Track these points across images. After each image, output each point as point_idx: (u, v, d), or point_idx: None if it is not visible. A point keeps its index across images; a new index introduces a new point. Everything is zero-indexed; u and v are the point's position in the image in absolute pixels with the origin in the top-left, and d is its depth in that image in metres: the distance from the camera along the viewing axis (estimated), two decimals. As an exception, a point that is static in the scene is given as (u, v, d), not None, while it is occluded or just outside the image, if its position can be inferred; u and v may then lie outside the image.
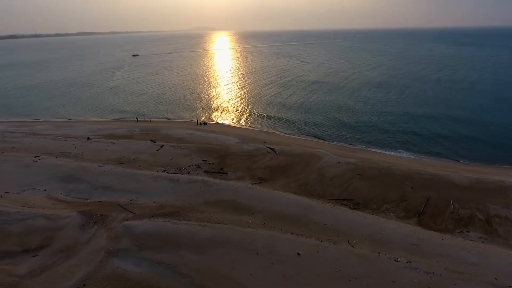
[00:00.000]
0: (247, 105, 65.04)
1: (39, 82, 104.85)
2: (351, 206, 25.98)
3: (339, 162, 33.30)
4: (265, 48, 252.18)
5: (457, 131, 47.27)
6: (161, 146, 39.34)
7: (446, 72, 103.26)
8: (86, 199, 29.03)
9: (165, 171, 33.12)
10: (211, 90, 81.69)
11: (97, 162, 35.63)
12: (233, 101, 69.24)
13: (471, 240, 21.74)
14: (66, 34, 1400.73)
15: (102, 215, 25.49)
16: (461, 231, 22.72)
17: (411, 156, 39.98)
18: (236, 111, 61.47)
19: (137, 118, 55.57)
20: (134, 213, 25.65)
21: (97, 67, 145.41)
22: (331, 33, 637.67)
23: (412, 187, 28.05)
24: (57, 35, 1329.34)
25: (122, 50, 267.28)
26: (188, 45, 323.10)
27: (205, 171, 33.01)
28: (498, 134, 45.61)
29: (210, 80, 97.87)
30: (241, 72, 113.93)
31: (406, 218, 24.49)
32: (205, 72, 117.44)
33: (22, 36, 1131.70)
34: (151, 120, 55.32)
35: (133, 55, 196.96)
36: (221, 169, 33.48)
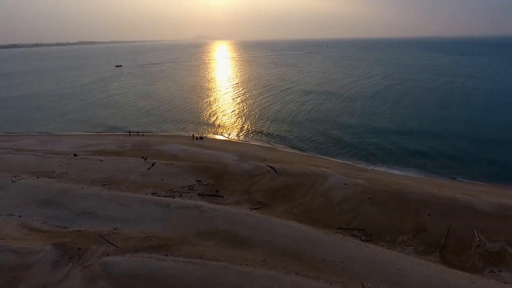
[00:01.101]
0: (245, 118, 62.38)
1: (30, 92, 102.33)
2: (363, 238, 22.96)
3: (346, 184, 30.39)
4: (264, 57, 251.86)
5: (465, 148, 44.37)
6: (153, 164, 36.41)
7: (445, 81, 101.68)
8: (65, 227, 25.93)
9: (155, 193, 30.13)
10: (208, 102, 78.93)
11: (81, 183, 32.66)
12: (231, 114, 66.57)
13: (505, 282, 18.69)
14: (67, 44, 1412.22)
15: (79, 248, 22.41)
16: (492, 270, 19.69)
17: (421, 176, 37.10)
18: (234, 124, 58.72)
19: (129, 132, 52.71)
20: (116, 246, 22.57)
21: (92, 77, 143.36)
22: (329, 43, 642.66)
23: (429, 214, 25.11)
24: (57, 44, 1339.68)
25: (120, 60, 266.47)
26: (188, 55, 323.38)
27: (199, 194, 30.02)
28: (510, 152, 42.79)
29: (208, 91, 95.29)
30: (239, 83, 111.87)
31: (427, 253, 21.44)
32: (203, 82, 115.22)
33: (23, 46, 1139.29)
34: (144, 134, 52.46)
35: (116, 66, 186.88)
36: (217, 191, 30.51)
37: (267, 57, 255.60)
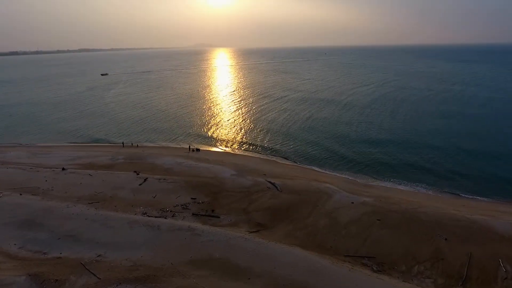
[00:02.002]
0: (244, 128, 60.19)
1: (24, 100, 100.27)
2: (374, 268, 20.55)
3: (352, 202, 28.09)
4: (263, 65, 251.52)
5: (471, 161, 41.93)
6: (145, 180, 34.10)
7: (444, 89, 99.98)
8: (44, 253, 23.47)
9: (145, 213, 27.76)
10: (206, 112, 76.45)
11: (67, 201, 30.32)
12: (229, 124, 64.32)
13: (541, 325, 16.24)
14: (68, 51, 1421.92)
15: (57, 280, 19.95)
16: (524, 309, 17.25)
17: (429, 192, 34.91)
18: (232, 135, 56.41)
19: (123, 143, 50.46)
20: (98, 278, 20.12)
21: (89, 84, 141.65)
22: (327, 50, 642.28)
23: (446, 239, 22.75)
24: (58, 51, 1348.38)
25: (119, 67, 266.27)
26: (187, 62, 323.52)
27: (193, 214, 27.66)
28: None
29: (206, 101, 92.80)
30: (238, 91, 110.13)
31: (448, 286, 19.02)
32: (201, 91, 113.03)
33: (24, 53, 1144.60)
34: (138, 145, 50.20)
35: (102, 74, 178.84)
36: (213, 210, 28.16)
37: (266, 64, 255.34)
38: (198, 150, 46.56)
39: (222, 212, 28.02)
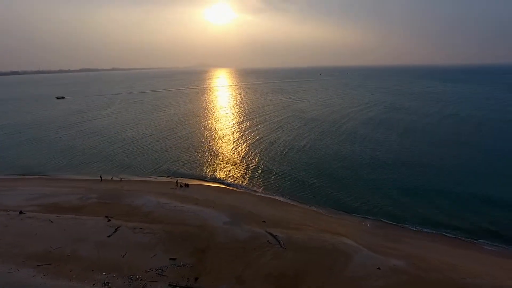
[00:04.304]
0: (241, 159, 53.45)
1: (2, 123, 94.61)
2: None
3: (379, 268, 21.64)
4: (261, 85, 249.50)
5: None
6: (116, 229, 27.63)
7: (451, 111, 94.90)
8: None
9: (107, 283, 21.11)
10: (199, 139, 68.94)
11: (11, 261, 23.70)
12: (224, 153, 57.46)
13: None
14: (69, 71, 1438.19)
15: None
16: None
17: (465, 239, 29.13)
18: (227, 167, 49.48)
19: (101, 176, 44.07)
20: None
21: (81, 106, 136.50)
22: (321, 70, 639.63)
23: (519, 334, 16.22)
24: (60, 71, 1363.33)
25: (119, 87, 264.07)
26: (186, 82, 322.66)
27: (169, 284, 21.04)
28: None
29: (200, 125, 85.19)
30: (235, 115, 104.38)
31: None
32: (195, 114, 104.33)
33: (25, 73, 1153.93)
34: (121, 178, 43.68)
35: (57, 98, 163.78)
36: (196, 278, 21.55)
37: (265, 85, 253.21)
38: (187, 185, 40.09)
39: (209, 280, 21.41)
